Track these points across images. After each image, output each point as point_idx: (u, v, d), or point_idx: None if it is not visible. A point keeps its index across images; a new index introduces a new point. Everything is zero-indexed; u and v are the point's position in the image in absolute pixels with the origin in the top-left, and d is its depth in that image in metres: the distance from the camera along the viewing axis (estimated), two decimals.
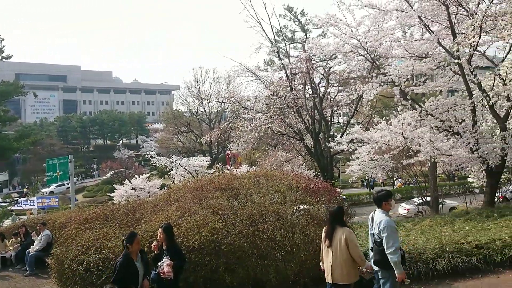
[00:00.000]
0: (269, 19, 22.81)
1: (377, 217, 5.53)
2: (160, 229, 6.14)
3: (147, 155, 35.01)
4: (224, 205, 7.94)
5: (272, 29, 23.48)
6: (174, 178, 32.87)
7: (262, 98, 22.86)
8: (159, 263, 5.85)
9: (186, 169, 30.67)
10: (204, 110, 55.56)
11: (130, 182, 35.37)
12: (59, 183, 46.42)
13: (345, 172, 30.64)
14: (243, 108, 24.27)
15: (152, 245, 6.18)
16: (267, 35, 23.06)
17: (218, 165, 40.06)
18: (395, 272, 5.25)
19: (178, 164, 31.14)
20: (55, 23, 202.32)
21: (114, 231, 7.63)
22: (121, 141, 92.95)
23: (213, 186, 8.82)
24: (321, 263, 6.11)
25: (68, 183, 38.39)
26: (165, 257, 5.90)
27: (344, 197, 18.83)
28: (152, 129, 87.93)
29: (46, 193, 51.35)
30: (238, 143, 27.31)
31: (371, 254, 5.73)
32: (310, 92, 22.23)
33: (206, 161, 34.76)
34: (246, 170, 18.06)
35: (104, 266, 6.62)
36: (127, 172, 49.94)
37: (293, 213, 7.90)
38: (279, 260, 7.06)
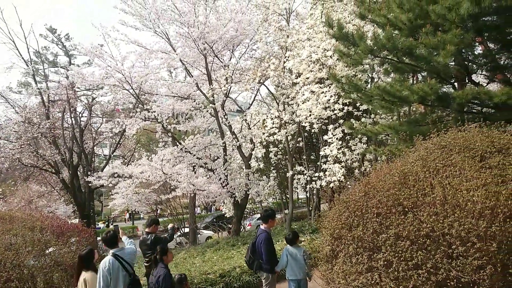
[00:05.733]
0: (25, 38, 20.21)
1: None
2: None
3: None
4: None
5: (28, 49, 20.98)
6: None
7: (10, 124, 19.77)
8: None
9: None
10: None
11: None
12: None
13: (108, 206, 29.33)
14: None
15: None
16: (21, 55, 20.40)
17: None
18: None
19: None
20: None
21: None
22: None
23: None
24: None
25: None
26: None
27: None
28: None
29: None
30: None
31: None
32: (70, 122, 20.62)
33: None
34: None
35: None
36: None
37: (35, 259, 6.96)
38: None
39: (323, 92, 11.10)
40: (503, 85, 7.08)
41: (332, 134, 11.41)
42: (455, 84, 8.66)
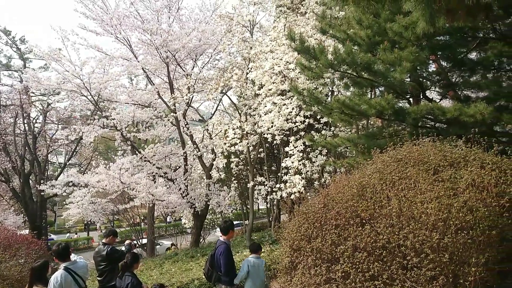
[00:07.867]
0: None
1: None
2: None
3: None
4: None
5: None
6: None
7: None
8: None
9: None
10: None
11: None
12: None
13: (62, 216, 28.20)
14: None
15: None
16: None
17: None
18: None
19: None
20: None
21: None
22: None
23: None
24: None
25: None
26: None
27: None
28: None
29: None
30: None
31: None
32: (23, 128, 19.73)
33: None
34: None
35: None
36: None
37: None
38: None
39: (285, 104, 11.21)
40: (455, 102, 7.42)
41: (293, 146, 11.51)
42: (411, 99, 9.01)
